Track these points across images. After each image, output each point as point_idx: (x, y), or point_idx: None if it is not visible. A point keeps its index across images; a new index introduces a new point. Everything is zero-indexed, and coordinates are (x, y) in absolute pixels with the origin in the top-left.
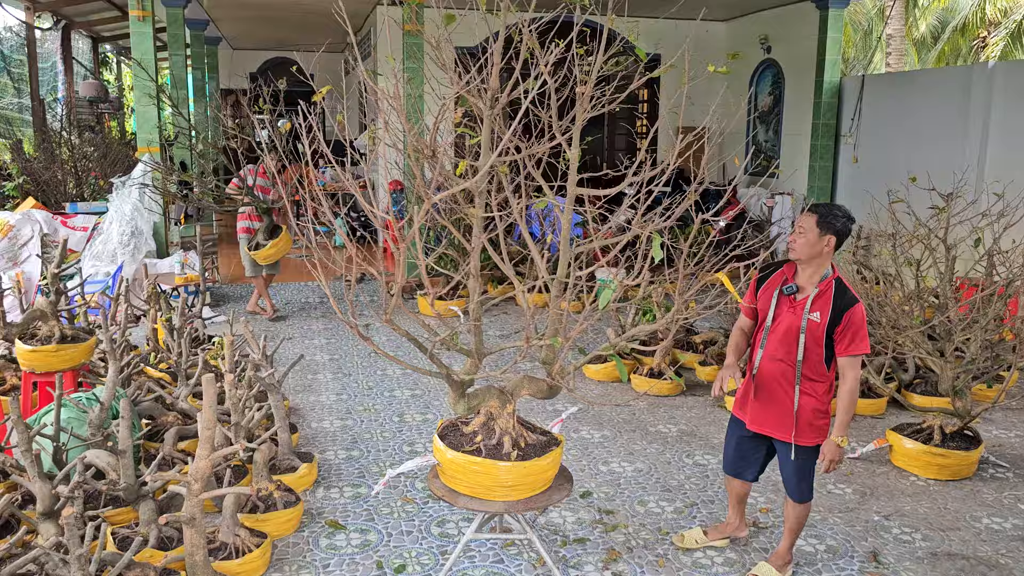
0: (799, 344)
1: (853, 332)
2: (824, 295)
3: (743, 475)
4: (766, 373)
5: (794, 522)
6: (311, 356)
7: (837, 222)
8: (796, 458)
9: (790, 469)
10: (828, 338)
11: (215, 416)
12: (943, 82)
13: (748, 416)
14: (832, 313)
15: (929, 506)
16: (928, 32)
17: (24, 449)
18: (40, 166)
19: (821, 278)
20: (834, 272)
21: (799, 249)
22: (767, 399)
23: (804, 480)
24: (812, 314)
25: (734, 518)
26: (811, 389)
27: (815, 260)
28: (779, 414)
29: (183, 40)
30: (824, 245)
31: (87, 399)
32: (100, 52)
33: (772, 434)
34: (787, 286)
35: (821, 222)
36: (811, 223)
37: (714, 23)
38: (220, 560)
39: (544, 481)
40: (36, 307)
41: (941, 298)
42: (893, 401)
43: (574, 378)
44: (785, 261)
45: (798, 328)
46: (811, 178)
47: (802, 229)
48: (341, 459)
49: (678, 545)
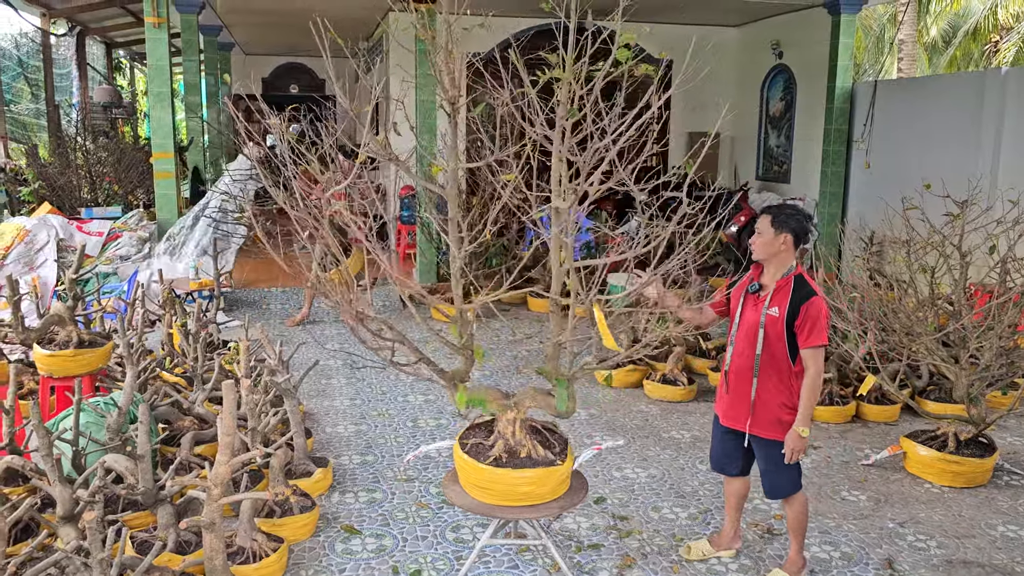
0: (758, 338)
1: (811, 324)
2: (783, 290)
3: (726, 470)
4: (734, 369)
5: (792, 522)
6: (325, 361)
7: (791, 221)
8: (759, 449)
9: (761, 465)
10: (791, 333)
11: (235, 422)
12: (956, 87)
13: (722, 412)
14: (790, 307)
15: (944, 513)
16: (939, 37)
17: (44, 453)
18: (55, 171)
19: (783, 275)
20: (797, 269)
21: (758, 250)
22: (736, 394)
23: (777, 475)
24: (771, 309)
25: (729, 528)
26: (776, 384)
27: (775, 259)
28: (745, 408)
29: (197, 46)
30: (781, 243)
31: (105, 404)
32: (114, 58)
33: (739, 428)
34: (752, 284)
35: (775, 222)
36: (766, 224)
37: (726, 28)
38: (238, 564)
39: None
40: (54, 312)
41: (955, 305)
42: (907, 408)
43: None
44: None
45: (758, 323)
46: (823, 183)
47: (759, 231)
48: (356, 464)
49: (685, 557)
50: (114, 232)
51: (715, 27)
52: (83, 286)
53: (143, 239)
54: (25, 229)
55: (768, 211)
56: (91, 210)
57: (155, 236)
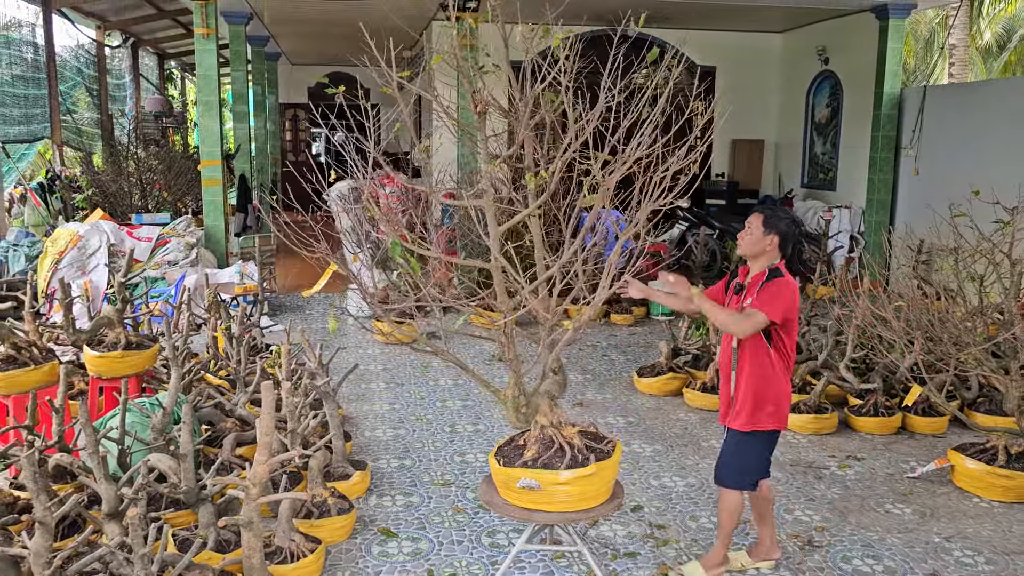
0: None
1: (768, 296)
2: (757, 282)
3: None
4: (720, 366)
5: (719, 514)
6: (365, 366)
7: (781, 223)
8: (729, 438)
9: (721, 449)
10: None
11: (273, 422)
12: (1009, 93)
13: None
14: (759, 292)
15: (993, 529)
16: (994, 41)
17: (91, 452)
18: (108, 178)
19: (761, 270)
20: (778, 264)
21: (744, 245)
22: (721, 391)
23: (728, 461)
24: (746, 301)
25: (763, 536)
26: (752, 374)
27: (760, 257)
28: (727, 403)
29: (244, 56)
30: (767, 243)
31: (150, 404)
32: (166, 69)
33: (723, 422)
34: (736, 284)
35: (766, 222)
36: (757, 222)
37: (770, 34)
38: (276, 564)
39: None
40: (103, 315)
41: (1006, 314)
42: (955, 420)
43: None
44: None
45: None
46: (870, 191)
47: (749, 226)
48: (393, 468)
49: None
50: (163, 238)
51: (760, 33)
52: (132, 290)
53: (190, 244)
54: (78, 234)
55: (761, 210)
56: (141, 216)
57: (202, 242)
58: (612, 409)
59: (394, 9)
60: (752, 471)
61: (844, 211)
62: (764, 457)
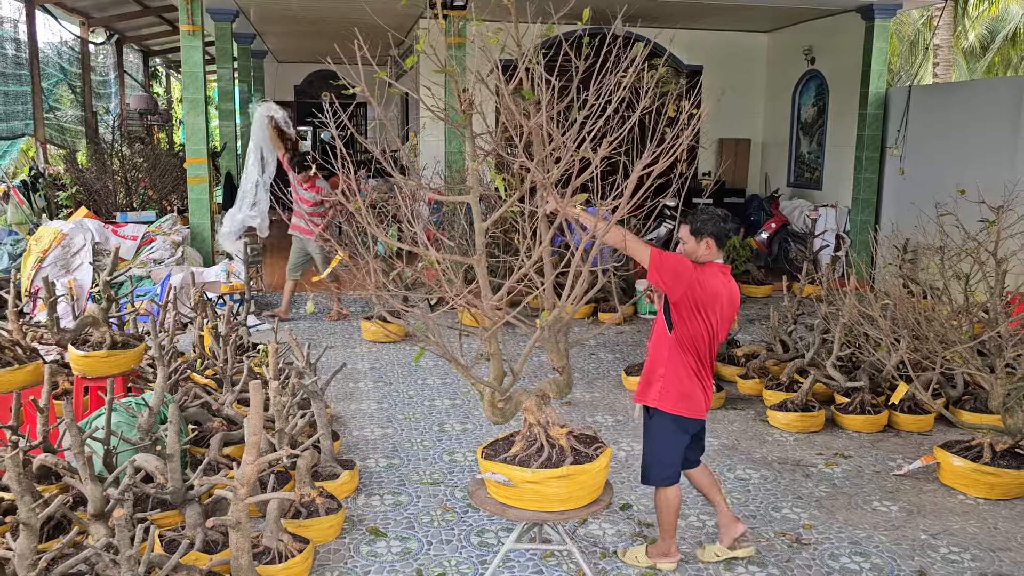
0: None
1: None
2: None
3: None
4: None
5: (657, 511)
6: (352, 364)
7: (708, 225)
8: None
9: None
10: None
11: (262, 422)
12: (993, 93)
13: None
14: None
15: (978, 525)
16: (977, 42)
17: (77, 452)
18: (92, 176)
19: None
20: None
21: (688, 256)
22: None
23: (645, 458)
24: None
25: (718, 510)
26: (651, 351)
27: (706, 260)
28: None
29: (231, 53)
30: (704, 247)
31: (136, 404)
32: (150, 66)
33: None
34: None
35: (693, 230)
36: (686, 234)
37: (757, 34)
38: (264, 564)
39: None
40: (88, 314)
41: (991, 313)
42: (941, 418)
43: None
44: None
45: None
46: (856, 190)
47: (682, 240)
48: (382, 467)
49: (700, 559)
50: (148, 236)
51: (747, 33)
52: (117, 289)
53: (176, 243)
54: (62, 233)
55: (685, 220)
56: (126, 214)
57: (187, 240)
58: (600, 408)
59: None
60: (667, 463)
61: (830, 210)
62: (672, 444)
